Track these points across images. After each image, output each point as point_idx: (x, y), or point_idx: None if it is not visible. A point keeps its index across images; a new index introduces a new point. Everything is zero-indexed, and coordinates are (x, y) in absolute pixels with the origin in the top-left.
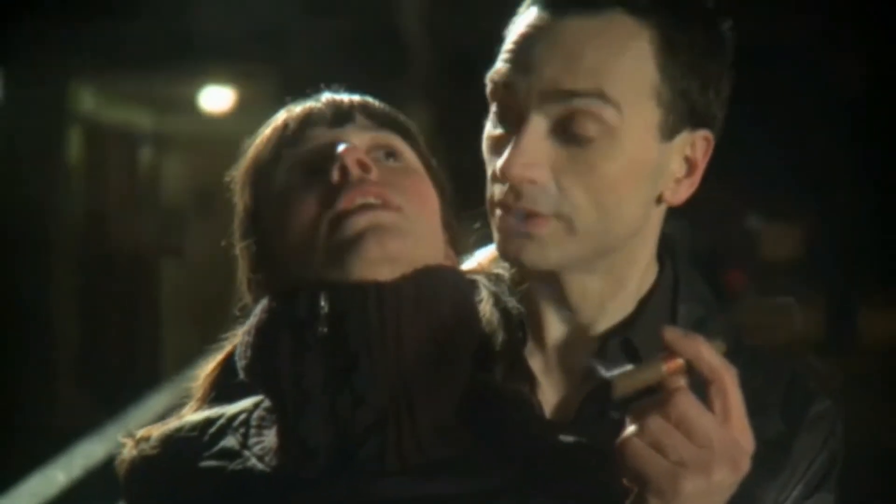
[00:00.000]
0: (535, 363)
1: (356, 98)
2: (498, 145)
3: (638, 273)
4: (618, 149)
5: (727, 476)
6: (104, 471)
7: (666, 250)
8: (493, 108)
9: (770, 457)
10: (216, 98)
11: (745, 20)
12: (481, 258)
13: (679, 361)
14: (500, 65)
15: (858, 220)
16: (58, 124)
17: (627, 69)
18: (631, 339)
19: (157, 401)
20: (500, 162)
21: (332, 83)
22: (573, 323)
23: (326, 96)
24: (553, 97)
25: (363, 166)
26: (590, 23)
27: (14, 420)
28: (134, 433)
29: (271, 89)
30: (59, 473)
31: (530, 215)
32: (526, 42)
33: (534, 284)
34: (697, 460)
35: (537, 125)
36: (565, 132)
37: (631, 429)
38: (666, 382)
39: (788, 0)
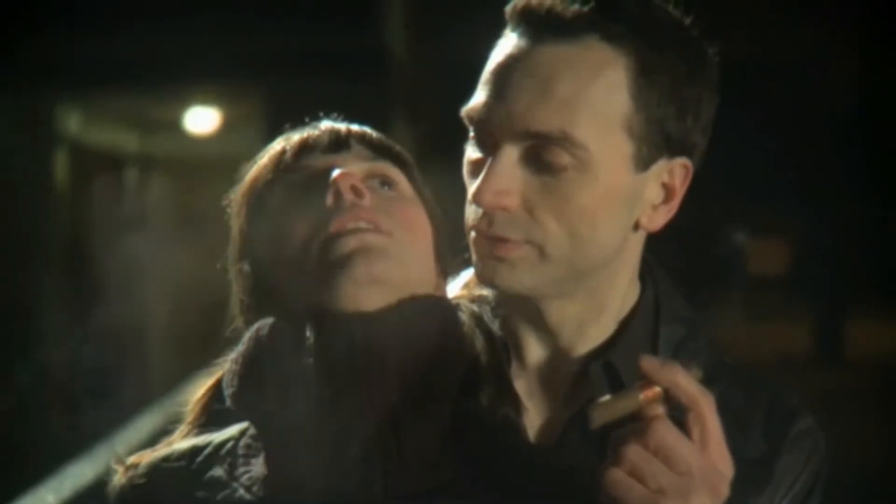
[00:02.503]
0: (519, 386)
1: (354, 127)
2: (475, 170)
3: (618, 296)
4: (589, 179)
5: (706, 502)
6: (94, 493)
7: (647, 272)
8: (471, 132)
9: (753, 475)
10: (202, 119)
11: (731, 32)
12: (467, 278)
13: (657, 390)
14: (477, 95)
15: (846, 232)
16: (43, 146)
17: (597, 104)
18: (612, 362)
19: (146, 422)
20: (472, 188)
21: (316, 104)
22: (554, 346)
23: (324, 124)
24: (520, 135)
25: (356, 192)
26: (564, 51)
27: (2, 443)
28: (124, 459)
29: (257, 110)
30: (49, 495)
31: (501, 240)
32: (500, 73)
33: (514, 308)
34: (677, 487)
35: (510, 154)
36: (537, 162)
37: (611, 457)
38: (644, 411)
39: (776, 10)
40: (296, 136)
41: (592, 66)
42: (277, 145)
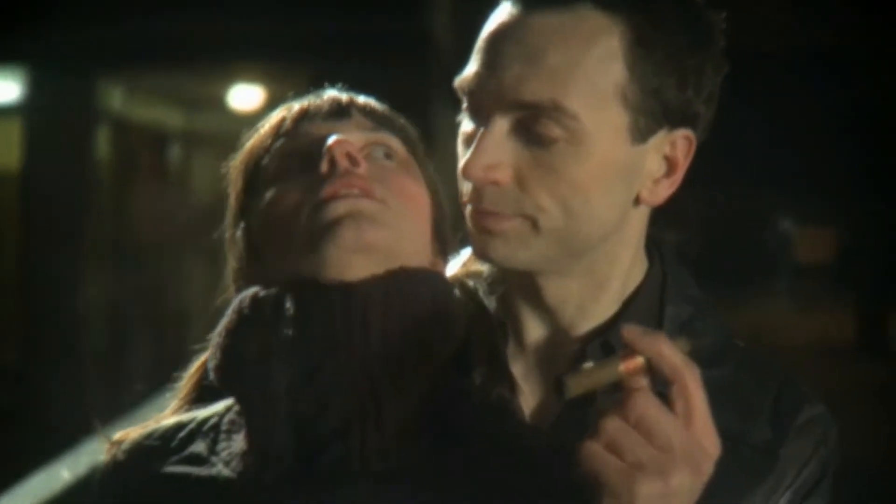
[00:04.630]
0: (516, 367)
1: (357, 97)
2: (467, 142)
3: (620, 274)
4: (582, 152)
5: (687, 480)
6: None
7: (654, 249)
8: (464, 104)
9: (756, 462)
10: (245, 97)
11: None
12: (467, 256)
13: (639, 360)
14: (469, 66)
15: (889, 225)
16: (86, 123)
17: (590, 74)
18: (610, 342)
19: (164, 400)
20: (462, 162)
21: (358, 85)
22: (553, 325)
23: (328, 93)
24: (511, 106)
25: (351, 159)
26: (557, 20)
27: (22, 416)
28: (110, 436)
29: (300, 88)
30: (65, 471)
31: (492, 214)
32: (493, 43)
33: (513, 286)
34: (656, 463)
35: (500, 126)
36: (528, 134)
37: (590, 430)
38: (626, 382)
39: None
40: (297, 105)
41: (585, 35)
42: (278, 113)
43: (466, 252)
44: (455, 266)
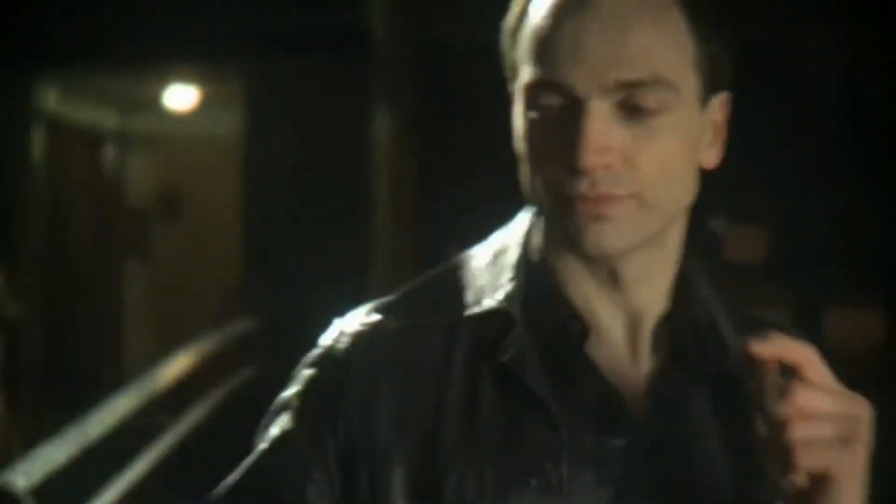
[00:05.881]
0: (600, 356)
1: None
2: (550, 138)
3: (679, 245)
4: (676, 122)
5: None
6: (64, 477)
7: None
8: (535, 102)
9: None
10: (181, 97)
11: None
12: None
13: (771, 365)
14: (544, 60)
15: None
16: (22, 123)
17: (672, 45)
18: (699, 318)
19: (120, 403)
20: (569, 155)
21: (295, 83)
22: (627, 307)
23: None
24: (611, 87)
25: None
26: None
27: None
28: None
29: (236, 89)
30: (20, 478)
31: (606, 198)
32: (567, 31)
33: (582, 271)
34: (850, 430)
35: (599, 110)
36: (627, 112)
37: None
38: (767, 385)
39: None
40: None
41: (656, 9)
42: None
43: (501, 235)
44: (488, 251)
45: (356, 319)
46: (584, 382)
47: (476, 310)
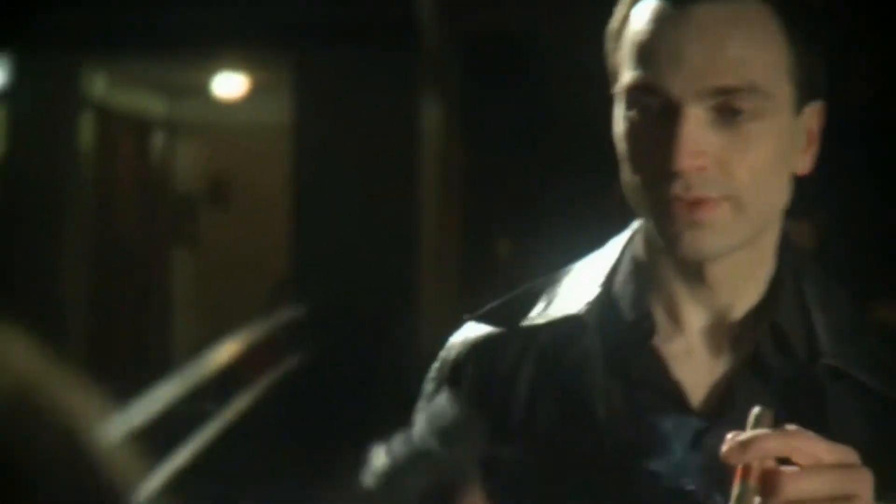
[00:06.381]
0: (677, 347)
1: None
2: (648, 140)
3: (773, 249)
4: (769, 128)
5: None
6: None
7: None
8: (634, 104)
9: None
10: (229, 84)
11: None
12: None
13: (753, 466)
14: (644, 65)
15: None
16: (70, 110)
17: (768, 54)
18: (778, 322)
19: (167, 390)
20: (668, 158)
21: (343, 72)
22: (712, 304)
23: None
24: (707, 93)
25: None
26: (719, 9)
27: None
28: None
29: (284, 77)
30: None
31: (701, 202)
32: (667, 38)
33: (670, 269)
34: (850, 479)
35: (696, 114)
36: (722, 117)
37: None
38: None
39: None
40: None
41: (752, 21)
42: None
43: (602, 254)
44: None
45: (460, 330)
46: (649, 379)
47: (555, 316)
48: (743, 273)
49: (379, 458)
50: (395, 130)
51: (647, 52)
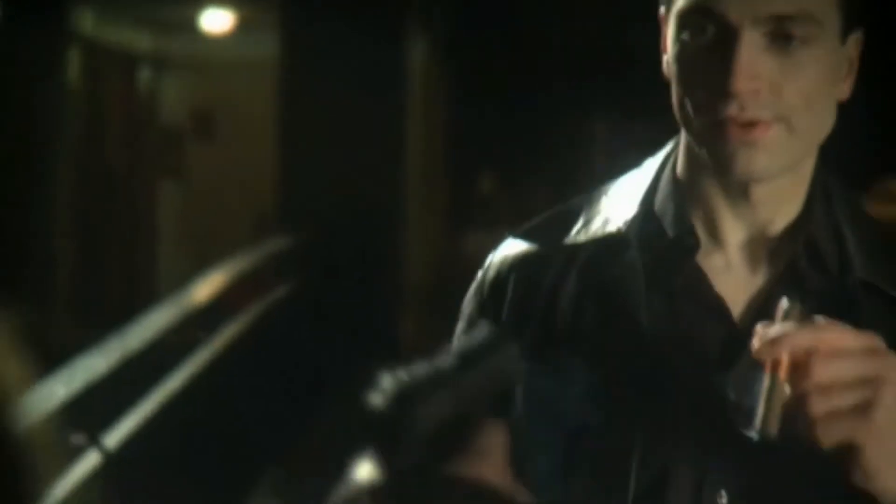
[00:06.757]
0: (715, 261)
1: None
2: (702, 63)
3: (812, 170)
4: (820, 54)
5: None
6: (104, 385)
7: None
8: (688, 27)
9: None
10: (216, 20)
11: None
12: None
13: (783, 360)
14: None
15: None
16: (56, 45)
17: None
18: (813, 235)
19: (157, 318)
20: (724, 80)
21: (330, 7)
22: (752, 221)
23: None
24: (762, 19)
25: None
26: None
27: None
28: None
29: (271, 12)
30: (60, 387)
31: (755, 123)
32: None
33: (714, 187)
34: (874, 368)
35: (752, 39)
36: (776, 43)
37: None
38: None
39: None
40: None
41: None
42: None
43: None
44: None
45: (500, 248)
46: (692, 293)
47: (596, 234)
48: (784, 193)
49: (393, 379)
50: (382, 66)
51: None
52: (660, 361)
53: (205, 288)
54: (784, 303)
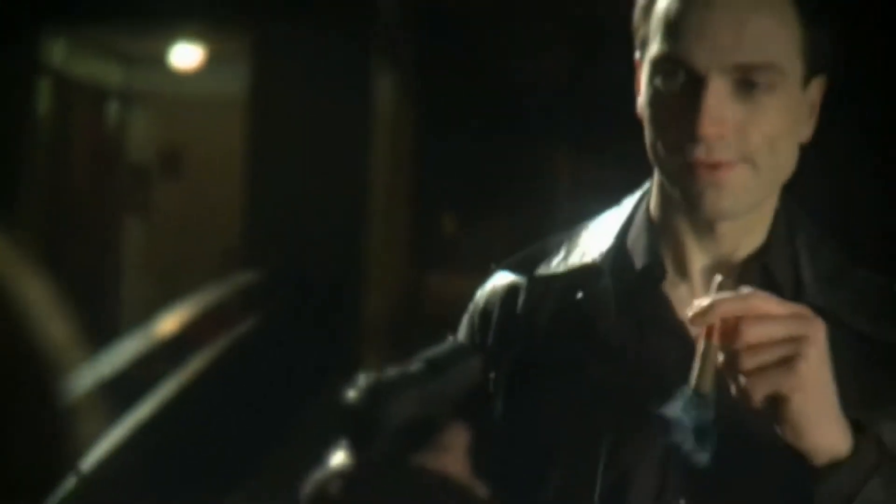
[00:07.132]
0: (680, 292)
1: None
2: (673, 107)
3: (773, 209)
4: (783, 101)
5: (821, 330)
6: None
7: None
8: (660, 74)
9: (891, 358)
10: (186, 55)
11: None
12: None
13: (714, 325)
14: (674, 37)
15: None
16: (26, 76)
17: (783, 32)
18: (768, 264)
19: (124, 350)
20: (692, 124)
21: (300, 45)
22: (715, 253)
23: None
24: (729, 68)
25: None
26: None
27: None
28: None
29: (240, 48)
30: None
31: (721, 164)
32: (692, 17)
33: (682, 224)
34: (796, 328)
35: (719, 86)
36: (741, 90)
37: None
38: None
39: None
40: None
41: (773, 0)
42: None
43: (630, 200)
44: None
45: (489, 280)
46: (657, 319)
47: (574, 264)
48: (748, 227)
49: (369, 378)
50: (348, 103)
51: (675, 28)
52: (627, 379)
53: (171, 321)
54: (718, 277)
